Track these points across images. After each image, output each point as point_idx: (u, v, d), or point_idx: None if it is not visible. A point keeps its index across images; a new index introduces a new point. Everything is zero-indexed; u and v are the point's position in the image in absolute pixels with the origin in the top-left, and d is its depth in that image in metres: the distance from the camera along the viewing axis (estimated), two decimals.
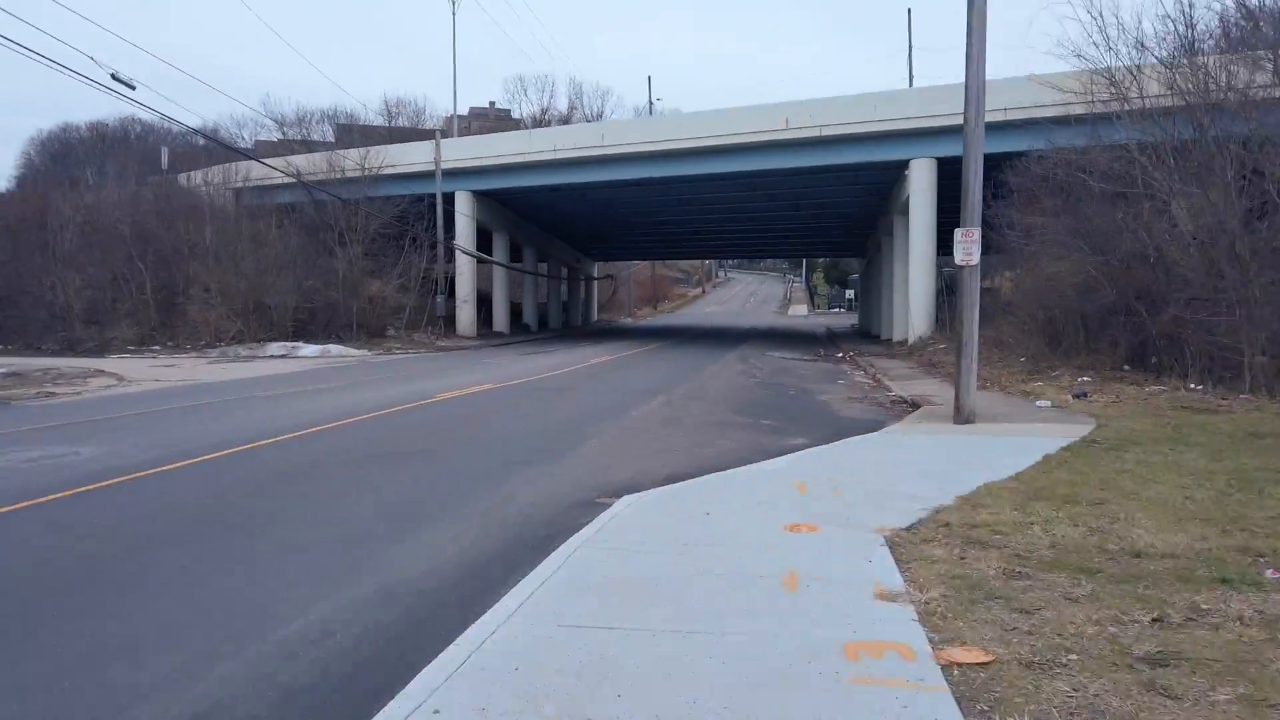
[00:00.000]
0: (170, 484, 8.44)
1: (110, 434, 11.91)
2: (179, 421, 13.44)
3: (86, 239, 37.33)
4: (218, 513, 7.35)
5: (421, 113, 76.76)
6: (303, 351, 32.91)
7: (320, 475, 8.95)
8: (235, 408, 15.29)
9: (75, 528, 6.84)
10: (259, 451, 10.26)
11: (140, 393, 18.93)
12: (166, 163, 52.75)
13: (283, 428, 12.16)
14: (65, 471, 8.92)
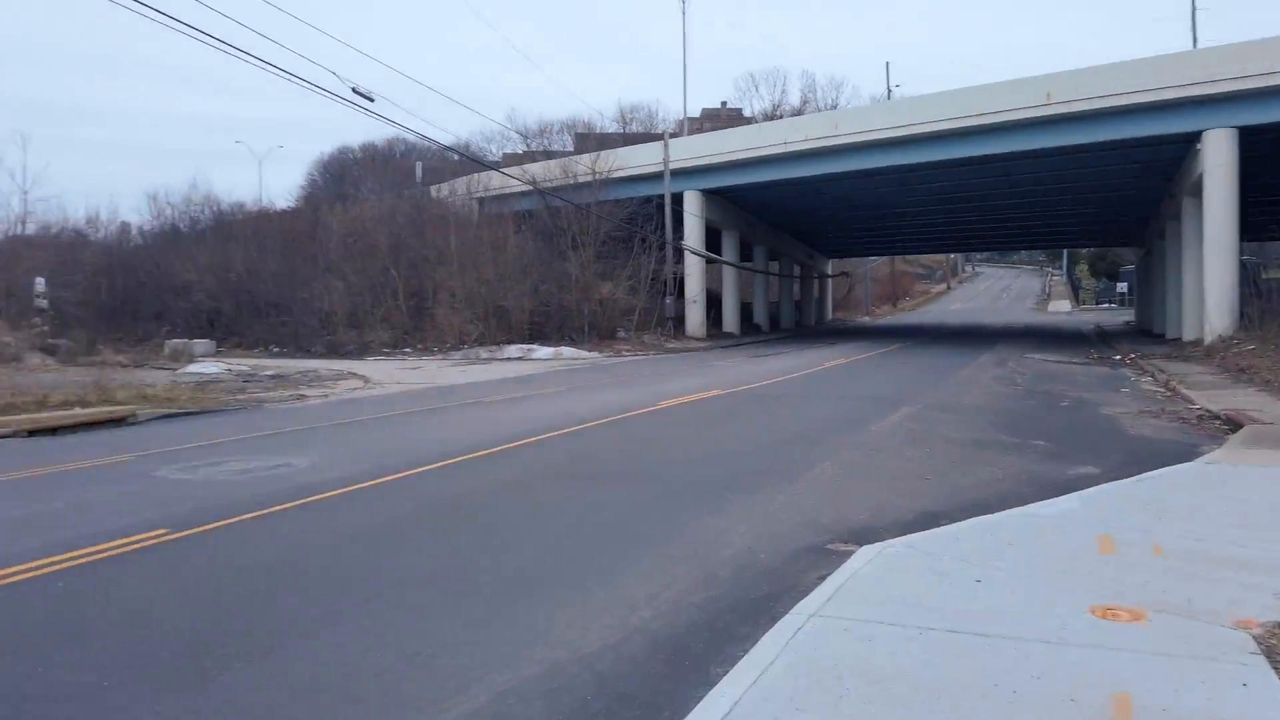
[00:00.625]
0: (354, 506, 7.87)
1: (332, 441, 11.85)
2: (399, 428, 13.31)
3: (349, 249, 40.25)
4: (379, 547, 6.59)
5: (654, 117, 77.45)
6: (537, 354, 33.48)
7: (508, 499, 8.07)
8: (458, 414, 15.08)
9: (233, 558, 6.28)
10: (458, 468, 9.63)
11: (380, 396, 19.48)
12: (420, 176, 56.33)
13: (494, 438, 11.58)
14: (270, 484, 8.65)
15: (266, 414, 16.16)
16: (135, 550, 6.27)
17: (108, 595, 5.34)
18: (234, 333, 40.45)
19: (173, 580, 5.64)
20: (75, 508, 7.72)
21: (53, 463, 10.29)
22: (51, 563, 5.94)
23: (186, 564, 5.99)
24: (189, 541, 6.53)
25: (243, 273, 41.07)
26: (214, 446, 11.39)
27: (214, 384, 21.81)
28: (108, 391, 17.68)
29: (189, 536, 6.66)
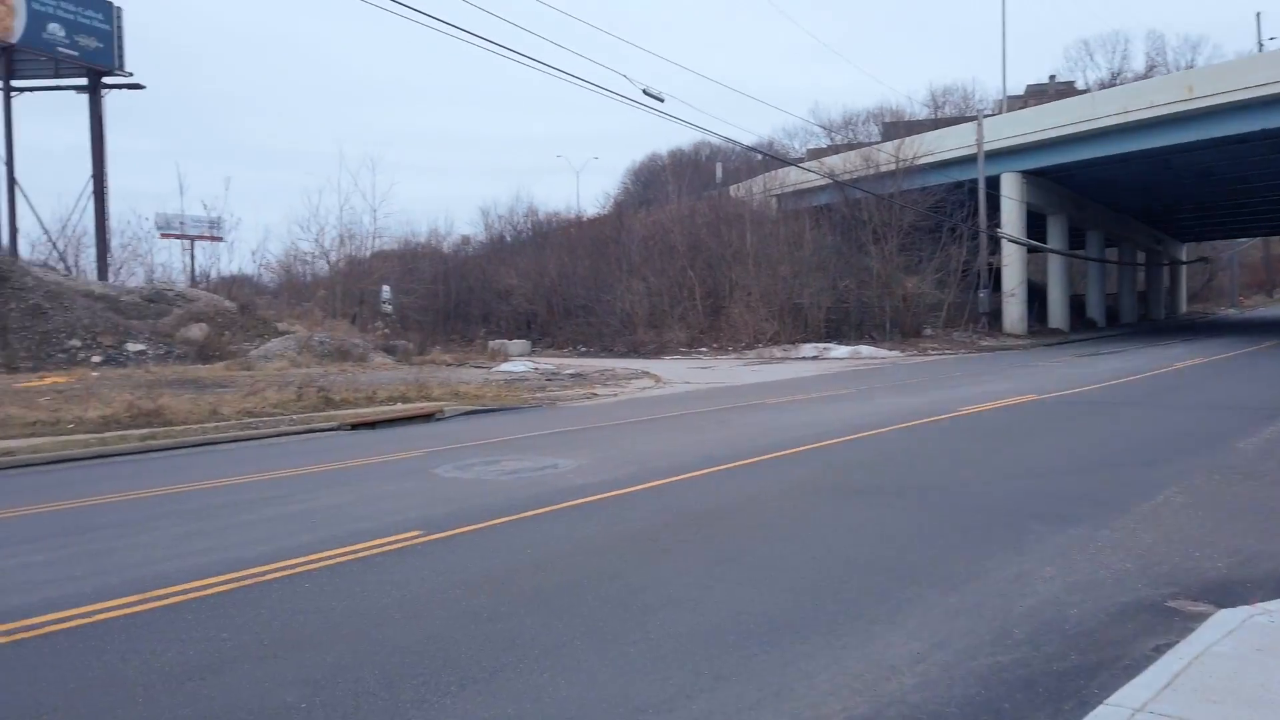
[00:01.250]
0: (604, 515, 7.40)
1: (607, 442, 11.69)
2: (675, 430, 12.91)
3: (649, 252, 41.33)
4: (620, 564, 5.99)
5: (969, 98, 72.07)
6: (833, 353, 32.14)
7: (767, 516, 7.20)
8: (739, 416, 14.44)
9: (465, 569, 5.99)
10: (723, 476, 8.92)
11: (667, 395, 19.41)
12: (720, 177, 56.82)
13: (769, 444, 10.77)
14: (532, 487, 8.49)
15: (557, 412, 16.59)
16: (383, 553, 6.23)
17: (335, 602, 5.23)
18: (547, 333, 43.17)
19: (399, 592, 5.44)
20: (351, 502, 8.02)
21: (356, 457, 11.03)
22: (307, 562, 6.03)
23: (419, 572, 5.81)
24: (435, 546, 6.40)
25: (555, 277, 43.70)
26: (497, 445, 11.66)
27: (520, 382, 23.03)
28: (426, 389, 19.18)
29: (437, 541, 6.54)
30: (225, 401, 16.85)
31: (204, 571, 5.79)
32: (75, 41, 45.19)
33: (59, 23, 44.59)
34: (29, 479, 10.37)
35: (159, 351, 26.33)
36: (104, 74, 46.62)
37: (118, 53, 47.18)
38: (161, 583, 5.55)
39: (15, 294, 26.04)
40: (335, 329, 30.55)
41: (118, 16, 47.44)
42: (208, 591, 5.40)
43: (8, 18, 42.70)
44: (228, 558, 6.14)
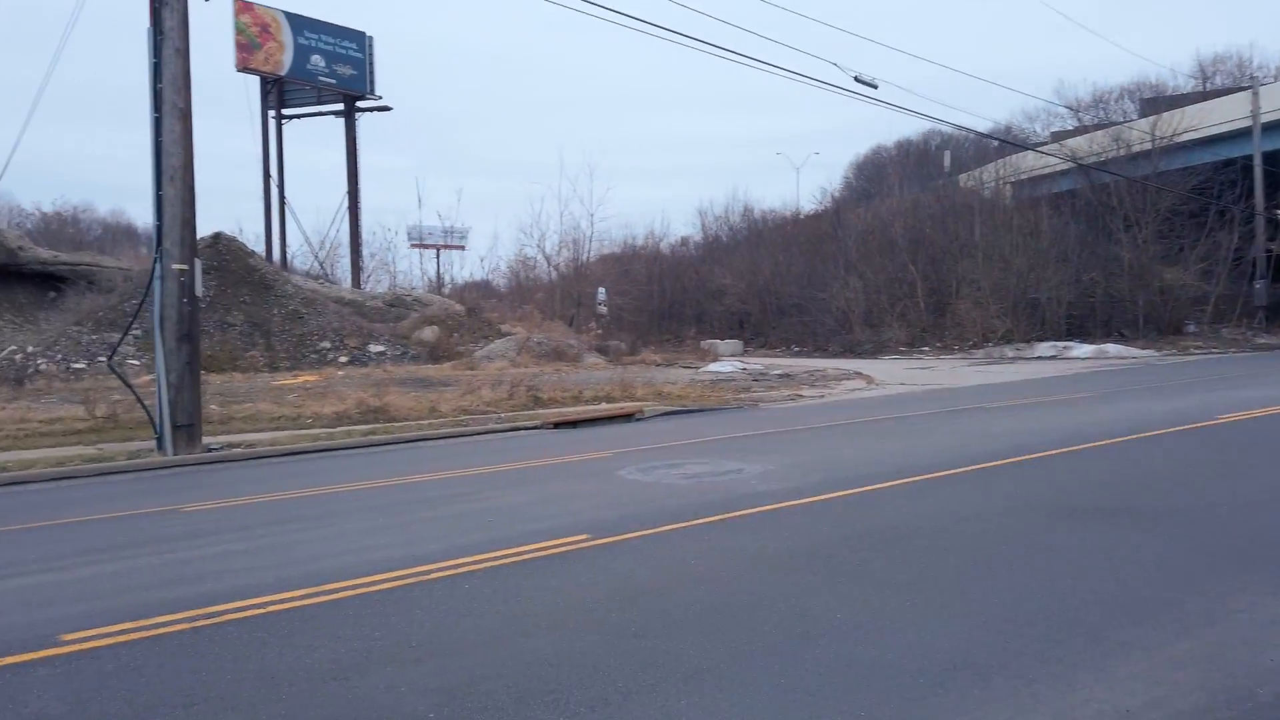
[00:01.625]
0: (773, 528, 6.89)
1: (799, 447, 11.12)
2: (877, 435, 12.09)
3: (866, 247, 39.75)
4: (777, 584, 5.48)
5: (1245, 65, 63.65)
6: (1074, 352, 29.36)
7: (960, 537, 6.41)
8: (952, 421, 13.35)
9: (610, 580, 5.69)
10: (918, 489, 8.13)
11: (876, 398, 18.41)
12: (948, 166, 53.77)
13: (982, 452, 9.78)
14: (710, 493, 8.13)
15: (757, 414, 16.13)
16: (547, 556, 6.11)
17: (489, 606, 5.11)
18: (760, 333, 42.64)
19: (552, 599, 5.25)
20: (529, 502, 8.02)
21: (549, 456, 11.15)
22: (472, 562, 6.00)
23: (577, 579, 5.60)
24: (599, 552, 6.20)
25: (768, 275, 43.07)
26: (687, 447, 11.42)
27: (726, 382, 22.74)
28: (630, 389, 19.33)
29: (603, 546, 6.34)
30: (445, 399, 17.78)
31: (375, 567, 5.90)
32: (334, 70, 49.96)
33: (320, 54, 49.44)
34: (262, 470, 11.31)
35: (396, 352, 28.41)
36: (358, 98, 51.21)
37: (369, 78, 51.66)
38: (333, 577, 5.70)
39: (278, 301, 29.05)
40: (552, 330, 31.71)
41: (370, 44, 51.95)
42: (373, 589, 5.47)
43: (278, 53, 47.92)
44: (400, 554, 6.24)
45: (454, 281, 55.95)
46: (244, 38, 46.84)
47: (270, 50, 47.59)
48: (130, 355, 25.15)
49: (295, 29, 48.69)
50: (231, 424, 15.30)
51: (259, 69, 47.44)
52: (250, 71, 47.29)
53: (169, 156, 12.10)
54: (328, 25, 50.23)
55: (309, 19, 49.51)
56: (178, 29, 12.20)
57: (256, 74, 47.86)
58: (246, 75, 47.41)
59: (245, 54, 46.70)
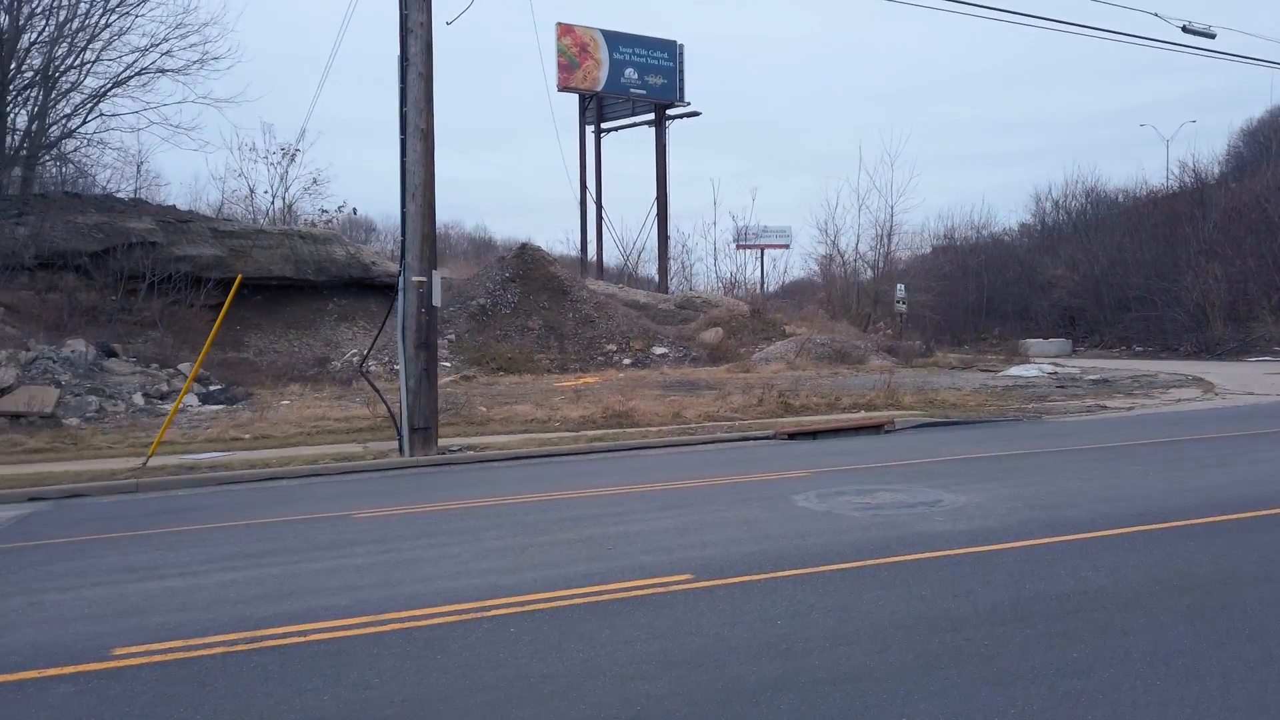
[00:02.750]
0: (942, 576, 5.49)
1: (1033, 474, 9.22)
2: (1138, 464, 9.72)
3: (1233, 228, 33.40)
4: (906, 668, 4.24)
5: None
6: None
7: (1148, 607, 4.65)
8: (1267, 448, 10.48)
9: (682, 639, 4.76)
10: (1130, 542, 6.22)
11: (1200, 412, 15.11)
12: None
13: (1255, 498, 7.41)
14: (884, 528, 6.84)
15: (1030, 429, 13.89)
16: (622, 598, 5.35)
17: (563, 648, 4.50)
18: (1094, 331, 37.56)
19: (634, 649, 4.50)
20: (674, 529, 7.26)
21: (739, 473, 10.28)
22: (544, 600, 5.43)
23: (674, 626, 4.79)
24: (681, 598, 5.33)
25: (1105, 265, 37.76)
26: (904, 469, 9.98)
27: (1022, 389, 20.05)
28: (895, 396, 17.66)
29: (696, 591, 5.46)
30: (696, 404, 17.40)
31: (451, 596, 5.50)
32: (645, 81, 51.92)
33: (633, 67, 51.61)
34: (475, 474, 11.64)
35: (678, 354, 28.66)
36: (667, 107, 52.80)
37: (679, 86, 53.06)
38: (406, 604, 5.37)
39: (572, 306, 30.56)
40: (837, 331, 30.19)
41: (680, 52, 53.36)
42: (427, 622, 5.06)
43: (595, 70, 50.75)
44: (490, 582, 5.82)
45: (766, 281, 55.84)
46: (565, 59, 50.18)
47: (588, 68, 50.52)
48: (443, 359, 27.76)
49: (611, 45, 51.29)
50: (489, 425, 16.09)
51: (577, 87, 50.56)
52: (569, 90, 50.54)
53: (411, 175, 12.88)
54: (640, 38, 52.32)
55: (624, 34, 51.89)
56: (421, 54, 12.94)
57: (575, 92, 51.05)
58: (566, 93, 50.84)
59: (565, 74, 50.00)
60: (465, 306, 30.43)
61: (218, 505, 9.52)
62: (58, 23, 29.18)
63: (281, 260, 35.94)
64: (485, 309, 30.40)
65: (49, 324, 23.79)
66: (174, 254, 32.10)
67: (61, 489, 10.64)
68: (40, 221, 28.41)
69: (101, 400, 18.79)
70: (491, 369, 27.59)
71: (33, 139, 31.57)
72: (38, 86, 30.21)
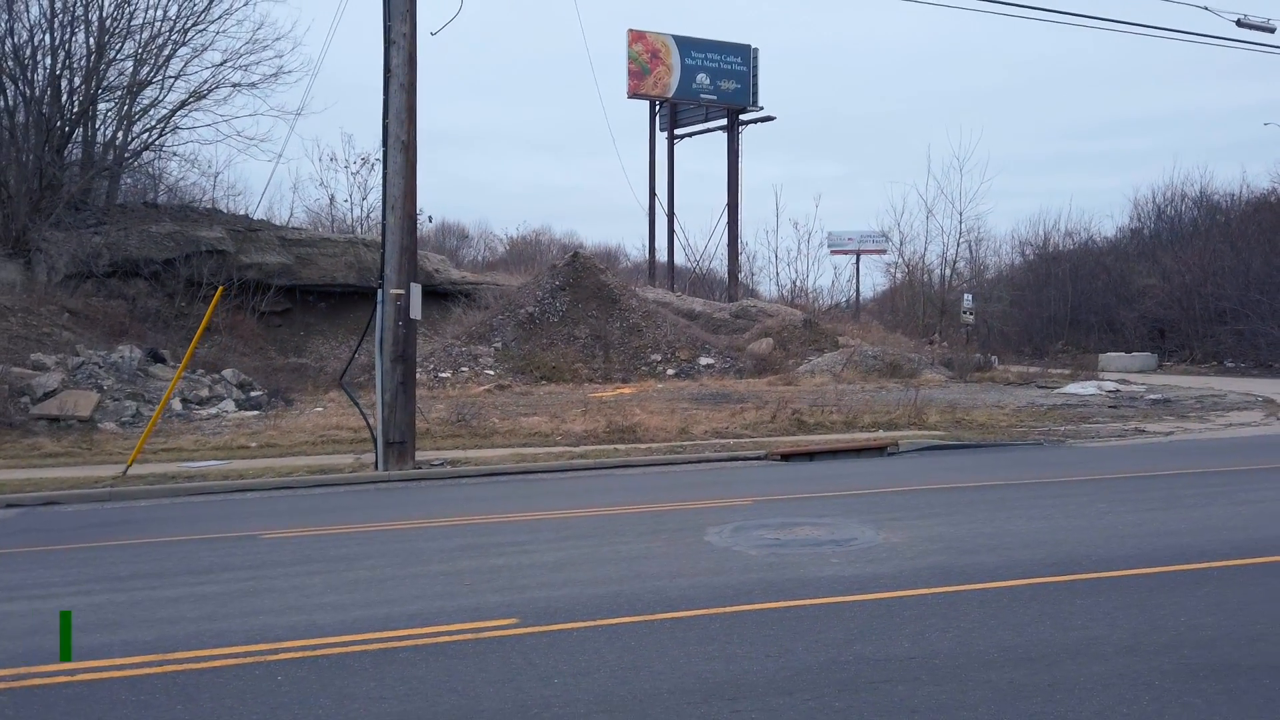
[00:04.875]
0: (811, 628, 4.93)
1: (986, 512, 8.43)
2: (1124, 503, 8.79)
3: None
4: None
5: None
6: None
7: (1038, 690, 4.02)
8: (1245, 488, 9.37)
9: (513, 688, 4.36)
10: (1035, 598, 5.50)
11: (1247, 439, 13.80)
12: None
13: (1230, 544, 6.51)
14: (779, 571, 6.26)
15: (1044, 454, 12.91)
16: (419, 645, 4.96)
17: (348, 695, 4.21)
18: (1184, 345, 35.11)
19: (403, 705, 4.18)
20: (558, 563, 6.86)
21: (684, 499, 9.77)
22: (389, 638, 5.05)
23: (469, 676, 4.45)
24: (489, 646, 4.94)
25: (1198, 274, 35.24)
26: (849, 499, 9.33)
27: (1068, 409, 18.76)
28: (921, 414, 16.75)
29: (512, 637, 5.05)
30: (708, 419, 16.89)
31: (276, 634, 5.25)
32: (718, 86, 51.36)
33: (705, 72, 51.11)
34: (443, 491, 11.50)
35: (725, 364, 28.06)
36: (740, 112, 52.07)
37: (753, 91, 52.32)
38: (225, 640, 5.12)
39: (620, 314, 30.31)
40: (891, 342, 29.00)
41: (754, 57, 52.62)
42: (230, 662, 4.81)
43: (666, 76, 50.46)
44: (323, 620, 5.49)
45: (860, 289, 54.35)
46: (636, 65, 50.06)
47: (659, 74, 50.28)
48: (487, 367, 27.88)
49: (683, 51, 50.94)
50: (493, 438, 15.93)
51: (648, 93, 50.36)
52: (640, 97, 50.40)
53: (391, 187, 12.84)
54: (713, 43, 51.81)
55: (696, 39, 51.49)
56: (403, 66, 12.90)
57: (646, 98, 50.87)
58: (636, 100, 50.70)
59: (636, 81, 49.87)
60: (514, 314, 30.53)
61: (162, 519, 9.57)
62: (139, 41, 30.61)
63: (345, 267, 36.89)
64: (534, 317, 30.43)
65: (109, 329, 24.91)
66: (242, 261, 33.26)
67: (40, 496, 10.92)
68: (117, 231, 29.84)
69: (139, 405, 19.48)
70: (534, 378, 27.55)
71: (116, 152, 33.23)
72: (121, 102, 31.76)
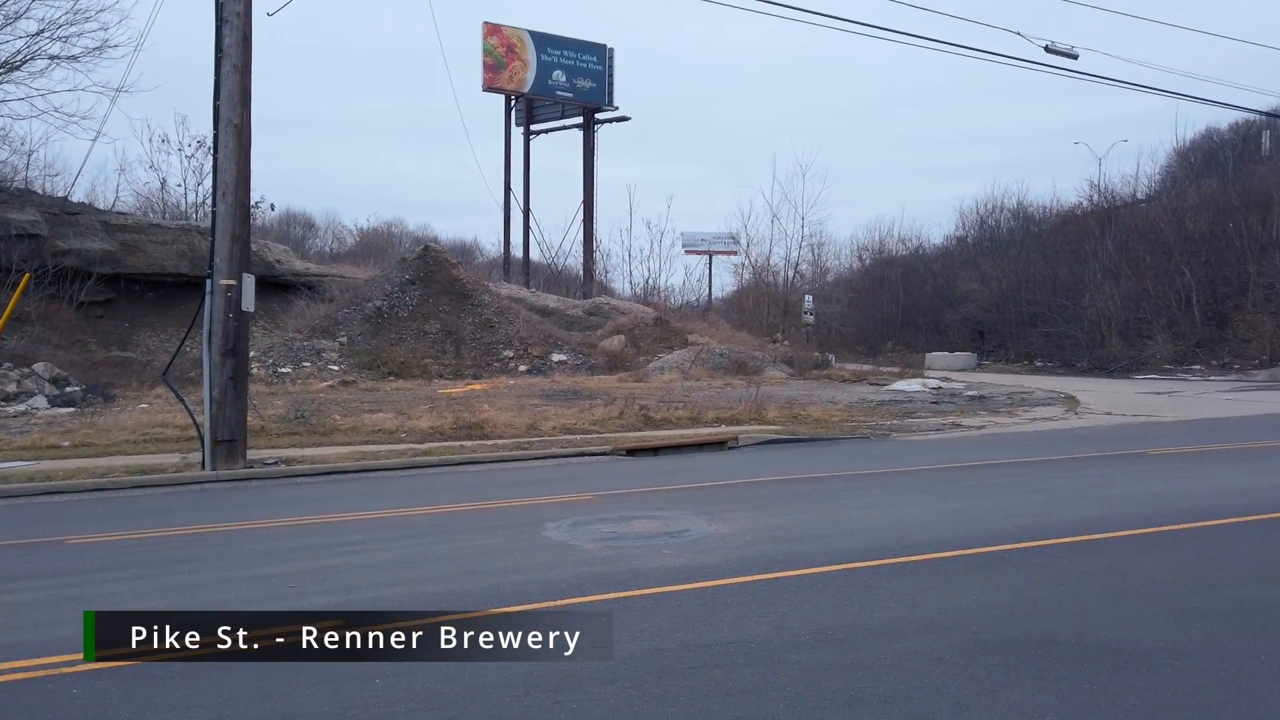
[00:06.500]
0: (636, 617, 5.09)
1: (813, 503, 8.93)
2: (930, 493, 9.50)
3: (1131, 247, 33.94)
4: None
5: None
6: None
7: (781, 669, 4.29)
8: (1069, 473, 10.33)
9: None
10: (858, 578, 5.90)
11: (1049, 433, 15.06)
12: (1267, 147, 45.33)
13: (1017, 530, 7.14)
14: (616, 562, 6.41)
15: (872, 447, 13.70)
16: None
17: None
18: (1001, 345, 37.94)
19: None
20: (391, 562, 6.78)
21: (529, 495, 9.83)
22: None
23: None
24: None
25: (1013, 280, 38.18)
26: (686, 493, 9.65)
27: (899, 405, 19.96)
28: (762, 410, 17.37)
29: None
30: (557, 416, 16.93)
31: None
32: (574, 84, 51.41)
33: (561, 70, 51.06)
34: (270, 492, 11.05)
35: (577, 361, 28.20)
36: (596, 111, 52.32)
37: (608, 90, 52.61)
38: (15, 654, 4.80)
39: (473, 310, 29.96)
40: (738, 341, 30.00)
41: (610, 57, 52.90)
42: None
43: (522, 72, 50.11)
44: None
45: (711, 289, 55.45)
46: (491, 59, 49.47)
47: (515, 69, 49.88)
48: (331, 362, 26.95)
49: (539, 47, 50.69)
50: (334, 436, 15.42)
51: (504, 88, 49.90)
52: (495, 91, 49.87)
53: (222, 172, 12.22)
54: (570, 41, 51.80)
55: (553, 36, 51.35)
56: (236, 46, 12.29)
57: (501, 92, 50.37)
58: (492, 94, 50.12)
59: (492, 74, 49.32)
60: (361, 308, 29.64)
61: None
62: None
63: (177, 256, 34.76)
64: (382, 311, 29.64)
65: None
66: (58, 247, 30.82)
67: None
68: None
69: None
70: (382, 374, 26.85)
71: None
72: None
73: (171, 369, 13.51)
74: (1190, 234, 31.78)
